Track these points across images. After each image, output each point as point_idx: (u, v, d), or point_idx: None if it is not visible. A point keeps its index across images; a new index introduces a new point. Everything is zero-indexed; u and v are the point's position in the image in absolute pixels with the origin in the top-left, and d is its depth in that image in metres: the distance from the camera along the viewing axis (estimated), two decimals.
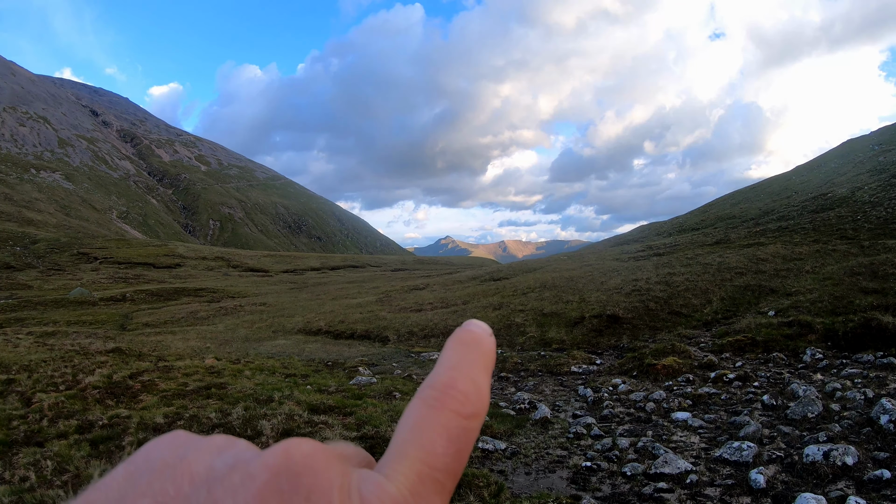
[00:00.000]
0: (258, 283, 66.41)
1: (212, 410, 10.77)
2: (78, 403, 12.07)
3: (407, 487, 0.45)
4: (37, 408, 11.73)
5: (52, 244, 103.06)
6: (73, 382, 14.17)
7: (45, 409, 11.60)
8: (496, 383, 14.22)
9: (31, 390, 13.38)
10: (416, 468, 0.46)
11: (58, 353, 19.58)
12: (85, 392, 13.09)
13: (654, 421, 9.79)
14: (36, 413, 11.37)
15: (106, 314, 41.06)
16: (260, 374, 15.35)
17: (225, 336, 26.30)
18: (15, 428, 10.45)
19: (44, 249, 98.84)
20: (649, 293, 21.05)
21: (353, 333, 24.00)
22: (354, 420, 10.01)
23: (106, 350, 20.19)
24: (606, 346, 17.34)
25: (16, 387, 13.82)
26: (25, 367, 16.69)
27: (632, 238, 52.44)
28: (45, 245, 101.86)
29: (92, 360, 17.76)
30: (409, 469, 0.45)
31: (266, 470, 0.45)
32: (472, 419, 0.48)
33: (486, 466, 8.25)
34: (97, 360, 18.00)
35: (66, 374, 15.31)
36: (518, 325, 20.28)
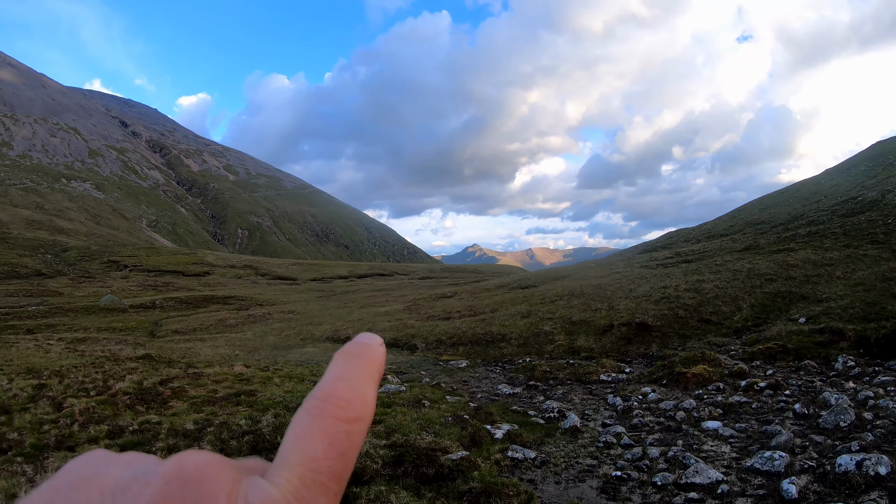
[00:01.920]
0: (286, 291, 66.71)
1: (242, 417, 10.86)
2: (108, 409, 12.22)
3: (290, 491, 0.48)
4: (68, 413, 11.89)
5: (82, 252, 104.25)
6: (104, 388, 14.35)
7: (75, 414, 11.75)
8: (525, 392, 14.22)
9: (63, 395, 13.56)
10: (299, 473, 0.49)
11: (88, 358, 19.83)
12: (115, 398, 13.26)
13: (685, 430, 9.75)
14: (67, 418, 11.52)
15: (136, 321, 41.46)
16: (289, 382, 15.43)
17: (254, 343, 26.46)
18: (46, 432, 10.61)
19: (74, 257, 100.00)
20: (678, 300, 20.95)
21: None
22: (384, 428, 10.04)
23: (136, 356, 20.41)
24: (636, 355, 17.27)
25: (47, 392, 14.02)
26: (57, 373, 16.91)
27: (660, 245, 52.05)
28: (75, 253, 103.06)
29: (122, 367, 17.97)
30: (291, 474, 0.49)
31: (160, 478, 0.49)
32: (354, 423, 0.52)
33: (515, 475, 8.27)
34: (127, 366, 18.20)
35: (96, 380, 15.51)
36: (546, 333, 20.25)
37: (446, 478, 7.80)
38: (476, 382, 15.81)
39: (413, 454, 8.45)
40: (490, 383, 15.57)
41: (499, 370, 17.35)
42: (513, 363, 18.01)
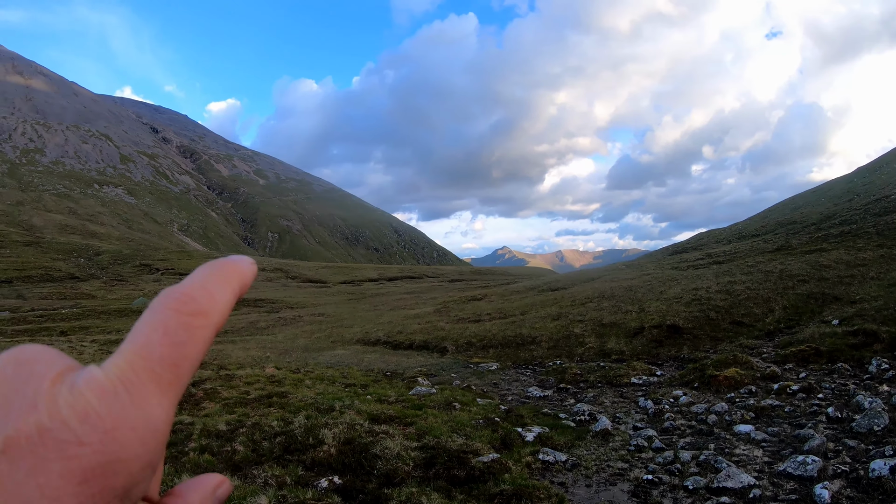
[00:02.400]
0: (316, 294, 67.03)
1: (274, 419, 10.95)
2: None
3: (117, 375, 0.48)
4: None
5: (115, 256, 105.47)
6: None
7: None
8: (556, 395, 14.23)
9: None
10: (129, 358, 0.48)
11: None
12: None
13: (717, 434, 9.72)
14: None
15: None
16: (320, 384, 15.52)
17: (284, 346, 26.63)
18: None
19: (107, 261, 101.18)
20: (710, 302, 20.82)
21: (411, 344, 24.13)
22: (415, 430, 10.10)
23: None
24: (667, 357, 17.19)
25: None
26: None
27: (690, 246, 51.70)
28: (108, 257, 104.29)
29: None
30: (121, 360, 0.48)
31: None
32: (196, 317, 0.50)
33: (546, 478, 8.30)
34: None
35: None
36: (577, 335, 20.22)
37: (477, 480, 7.84)
38: (506, 385, 15.83)
39: (444, 456, 8.50)
40: (520, 386, 15.59)
41: (529, 373, 17.36)
42: (543, 366, 18.01)
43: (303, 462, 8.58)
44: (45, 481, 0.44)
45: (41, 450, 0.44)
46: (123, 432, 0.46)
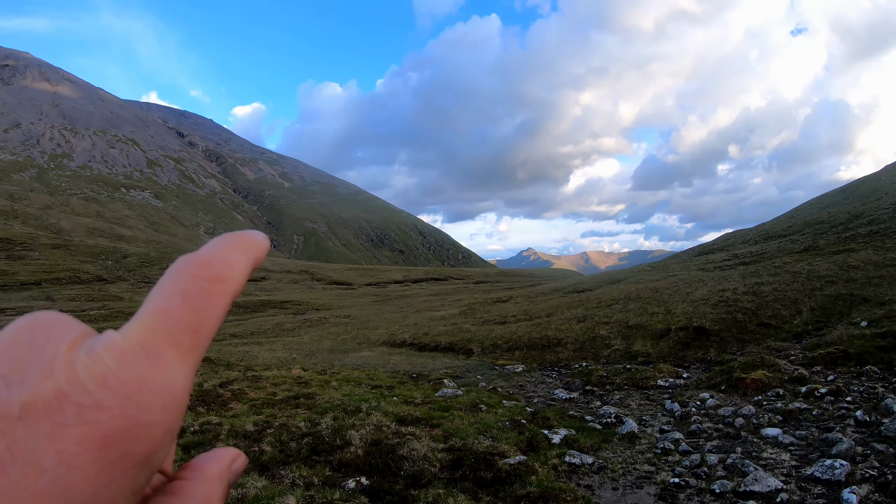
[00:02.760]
0: (342, 296, 67.31)
1: (301, 420, 11.03)
2: None
3: (136, 340, 0.47)
4: None
5: (142, 258, 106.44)
6: None
7: None
8: (582, 397, 14.22)
9: None
10: (148, 322, 0.48)
11: None
12: None
13: (744, 437, 9.67)
14: None
15: None
16: (346, 385, 15.59)
17: (310, 347, 26.78)
18: None
19: (134, 263, 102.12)
20: (737, 304, 20.70)
21: (436, 346, 24.18)
22: (441, 432, 10.14)
23: None
24: (693, 360, 17.11)
25: None
26: None
27: (717, 247, 51.38)
28: (135, 259, 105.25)
29: None
30: (140, 325, 0.48)
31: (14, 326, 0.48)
32: (214, 282, 0.50)
33: (572, 481, 8.31)
34: None
35: None
36: (603, 337, 20.18)
37: (504, 482, 7.87)
38: (532, 387, 15.84)
39: (471, 458, 8.53)
40: (546, 388, 15.59)
41: (555, 375, 17.35)
42: (569, 368, 17.99)
43: (330, 463, 8.64)
44: (63, 447, 0.42)
45: (59, 415, 0.43)
46: (144, 397, 0.46)
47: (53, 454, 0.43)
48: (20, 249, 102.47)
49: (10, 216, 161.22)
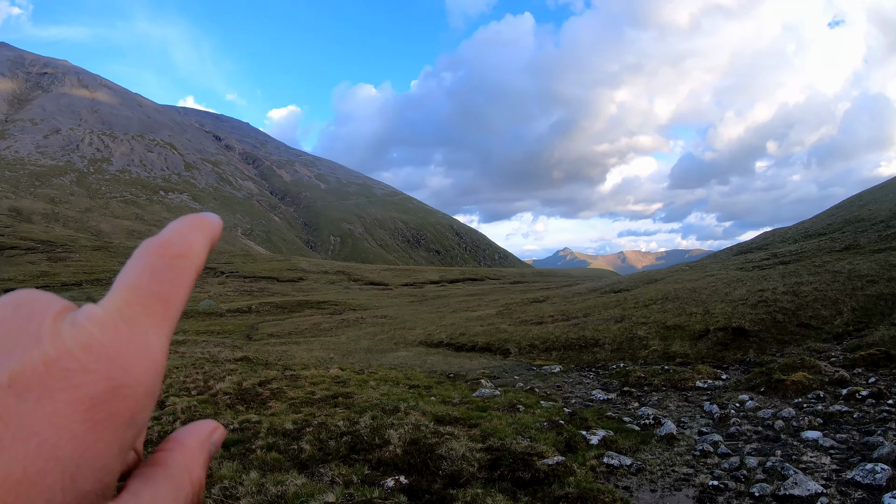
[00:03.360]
0: (378, 296, 67.54)
1: (340, 419, 11.13)
2: (210, 408, 12.71)
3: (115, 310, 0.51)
4: (170, 410, 12.42)
5: None
6: (205, 388, 14.92)
7: (178, 411, 12.27)
8: (619, 398, 14.19)
9: (164, 394, 14.17)
10: (124, 296, 0.52)
11: (189, 360, 20.55)
12: (216, 397, 13.78)
13: (783, 440, 9.59)
14: (169, 415, 12.04)
15: (233, 325, 42.66)
16: (384, 385, 15.69)
17: (348, 347, 26.91)
18: (150, 429, 11.10)
19: None
20: (776, 304, 20.48)
21: (473, 346, 24.20)
22: (480, 432, 10.18)
23: (234, 358, 21.05)
24: (732, 361, 16.95)
25: None
26: None
27: (755, 245, 50.80)
28: None
29: (222, 368, 18.57)
30: (117, 297, 0.52)
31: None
32: (177, 258, 0.56)
33: (611, 482, 8.32)
34: (227, 367, 18.81)
35: (197, 380, 16.13)
36: (640, 338, 20.08)
37: (542, 482, 7.90)
38: (569, 388, 15.83)
39: (509, 458, 8.57)
40: (584, 389, 15.57)
41: (592, 375, 17.31)
42: (606, 368, 17.94)
43: (369, 461, 8.73)
44: (52, 410, 0.46)
45: (47, 380, 0.47)
46: (126, 359, 0.49)
47: (44, 417, 0.46)
48: (61, 251, 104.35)
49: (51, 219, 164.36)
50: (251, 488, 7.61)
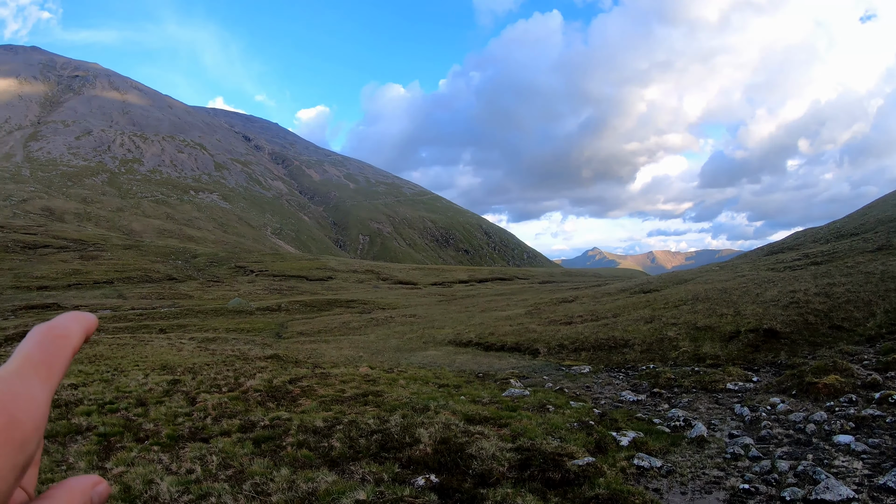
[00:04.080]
0: (407, 296, 67.70)
1: (370, 417, 11.22)
2: (240, 405, 12.86)
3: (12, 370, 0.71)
4: (201, 407, 12.58)
5: (211, 258, 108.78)
6: (235, 385, 15.09)
7: (209, 408, 12.43)
8: (649, 399, 14.14)
9: (196, 391, 14.36)
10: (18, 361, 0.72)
11: (219, 357, 20.77)
12: (246, 394, 13.93)
13: (815, 444, 9.53)
14: (200, 412, 12.20)
15: (262, 323, 43.03)
16: (414, 384, 15.76)
17: (377, 346, 27.06)
18: (180, 424, 11.28)
19: (203, 263, 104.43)
20: (808, 305, 20.29)
21: (502, 346, 24.22)
22: (509, 432, 10.22)
23: (265, 356, 21.25)
24: (763, 363, 16.81)
25: (181, 387, 14.85)
26: (190, 370, 17.84)
27: (786, 246, 50.27)
28: (204, 259, 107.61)
29: (252, 365, 18.76)
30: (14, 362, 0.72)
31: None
32: (60, 337, 0.77)
33: (641, 484, 8.32)
34: (257, 365, 18.99)
35: (228, 377, 16.31)
36: (670, 339, 19.99)
37: (572, 483, 7.92)
38: (599, 388, 15.80)
39: (539, 458, 8.60)
40: (613, 390, 15.54)
41: (622, 376, 17.27)
42: (636, 369, 17.89)
43: (399, 460, 8.79)
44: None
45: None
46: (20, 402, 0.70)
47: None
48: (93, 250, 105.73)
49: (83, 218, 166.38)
50: (282, 485, 7.71)
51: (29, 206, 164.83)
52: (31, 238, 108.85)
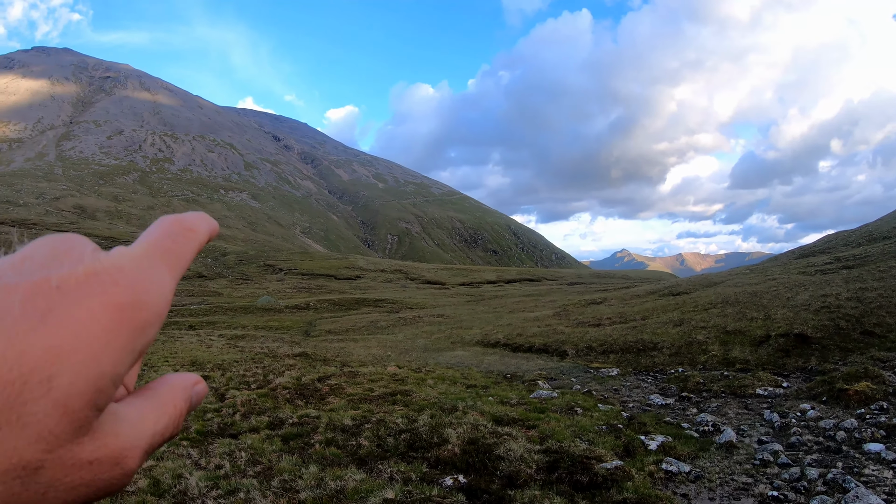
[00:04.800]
0: (435, 295, 67.78)
1: (398, 416, 11.29)
2: (269, 402, 12.99)
3: (140, 251, 0.69)
4: (230, 403, 12.72)
5: (240, 256, 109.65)
6: (264, 382, 15.24)
7: (237, 404, 12.56)
8: (677, 403, 14.08)
9: (225, 387, 14.51)
10: (146, 245, 0.70)
11: (248, 354, 20.96)
12: (275, 391, 14.07)
13: (845, 451, 9.45)
14: (229, 408, 12.34)
15: (290, 321, 43.29)
16: (442, 384, 15.82)
17: (404, 345, 27.13)
18: (209, 420, 11.41)
19: (233, 261, 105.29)
20: (839, 310, 20.07)
21: (530, 347, 24.19)
22: (538, 433, 10.24)
23: (293, 354, 21.40)
24: (793, 368, 16.68)
25: (210, 383, 15.01)
26: (219, 366, 18.03)
27: (818, 249, 49.75)
28: (234, 257, 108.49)
29: (281, 363, 18.91)
30: (142, 244, 0.70)
31: (45, 238, 0.70)
32: (189, 230, 0.75)
33: (669, 489, 8.32)
34: (285, 362, 19.14)
35: (256, 374, 16.48)
36: (700, 342, 19.88)
37: (600, 486, 7.94)
38: (627, 391, 15.77)
39: (567, 461, 8.62)
40: (641, 393, 15.50)
41: (650, 380, 17.22)
42: (664, 373, 17.82)
43: (427, 459, 8.85)
44: (88, 308, 0.60)
45: (87, 286, 0.61)
46: (147, 284, 0.65)
47: (81, 312, 0.59)
48: None
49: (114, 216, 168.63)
50: (310, 482, 7.79)
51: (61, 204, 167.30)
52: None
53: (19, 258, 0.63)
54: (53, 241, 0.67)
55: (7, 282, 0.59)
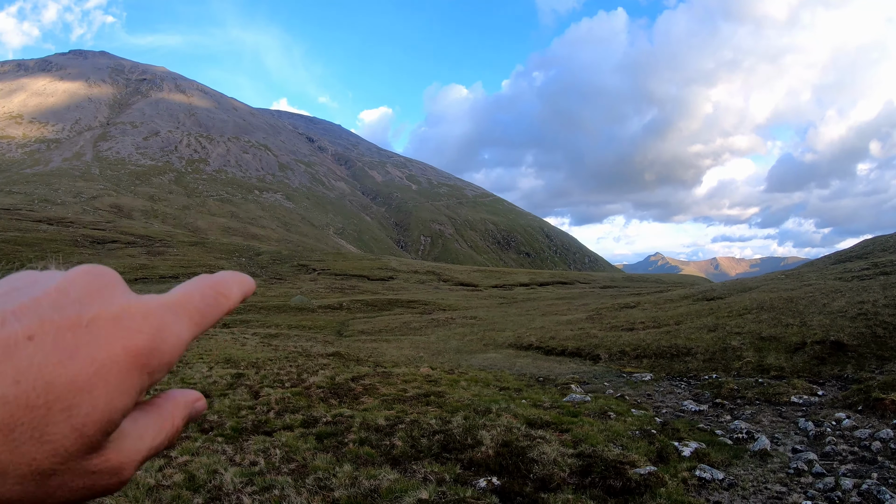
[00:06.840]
0: (468, 297, 67.84)
1: (432, 417, 11.37)
2: (303, 400, 13.12)
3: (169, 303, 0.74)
4: (264, 401, 12.88)
5: (274, 256, 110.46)
6: (298, 381, 15.39)
7: (271, 402, 12.72)
8: (711, 410, 14.02)
9: (259, 385, 14.69)
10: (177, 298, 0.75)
11: (282, 353, 21.15)
12: (309, 390, 14.21)
13: (880, 462, 9.37)
14: (263, 406, 12.49)
15: (324, 321, 43.54)
16: (475, 386, 15.88)
17: (437, 347, 27.22)
18: (244, 417, 11.56)
19: (267, 261, 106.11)
20: (877, 317, 19.85)
21: (563, 350, 24.17)
22: (571, 437, 10.26)
23: (327, 353, 21.58)
24: (829, 376, 16.51)
25: (245, 381, 15.20)
26: (253, 364, 18.23)
27: (854, 254, 49.14)
28: (267, 257, 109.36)
29: (314, 362, 19.06)
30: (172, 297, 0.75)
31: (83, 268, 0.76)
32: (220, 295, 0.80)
33: (702, 496, 8.31)
34: (319, 362, 19.29)
35: (290, 373, 16.64)
36: (734, 348, 19.75)
37: (633, 492, 7.96)
38: (660, 397, 15.73)
39: (600, 465, 8.64)
40: (675, 399, 15.45)
41: (683, 385, 17.14)
42: (698, 379, 17.74)
43: (460, 461, 8.92)
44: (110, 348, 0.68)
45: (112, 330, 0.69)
46: (166, 334, 0.72)
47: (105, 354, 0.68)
48: (159, 246, 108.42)
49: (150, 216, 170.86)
50: (344, 480, 7.89)
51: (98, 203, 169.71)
52: (99, 234, 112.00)
53: (55, 291, 0.71)
54: (87, 276, 0.74)
55: (44, 315, 0.68)
